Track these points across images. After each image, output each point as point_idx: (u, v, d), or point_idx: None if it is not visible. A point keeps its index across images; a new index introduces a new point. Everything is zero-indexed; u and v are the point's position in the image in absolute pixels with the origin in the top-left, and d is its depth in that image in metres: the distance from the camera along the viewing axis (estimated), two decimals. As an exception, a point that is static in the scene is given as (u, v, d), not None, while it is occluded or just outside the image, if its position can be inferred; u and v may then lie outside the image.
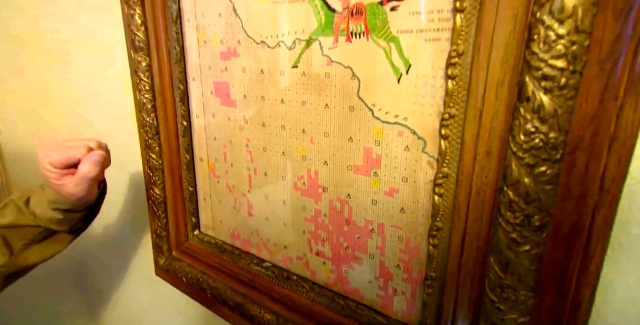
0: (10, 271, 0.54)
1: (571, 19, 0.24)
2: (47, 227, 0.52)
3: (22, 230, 0.52)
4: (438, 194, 0.35)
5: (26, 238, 0.53)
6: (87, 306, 0.94)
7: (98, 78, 0.69)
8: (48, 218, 0.51)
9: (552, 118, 0.26)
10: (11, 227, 0.52)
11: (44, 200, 0.50)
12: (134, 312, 0.84)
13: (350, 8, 0.37)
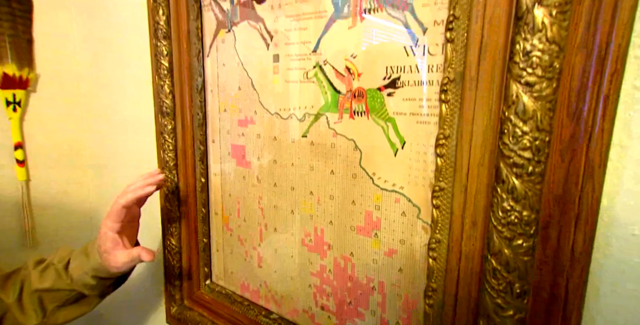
0: None
1: (532, 120, 0.29)
2: (81, 291, 0.55)
3: (58, 294, 0.56)
4: (432, 257, 0.39)
5: (59, 300, 0.56)
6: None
7: (127, 139, 0.76)
8: (83, 283, 0.54)
9: (524, 199, 0.31)
10: (49, 290, 0.55)
11: (85, 267, 0.54)
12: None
13: (353, 91, 0.43)
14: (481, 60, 0.33)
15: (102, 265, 0.53)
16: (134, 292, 0.81)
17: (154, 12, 0.58)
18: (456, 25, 0.34)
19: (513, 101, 0.30)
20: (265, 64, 0.51)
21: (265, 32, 0.50)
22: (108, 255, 0.52)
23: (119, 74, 0.74)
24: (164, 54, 0.59)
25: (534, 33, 0.28)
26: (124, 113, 0.76)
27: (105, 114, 0.80)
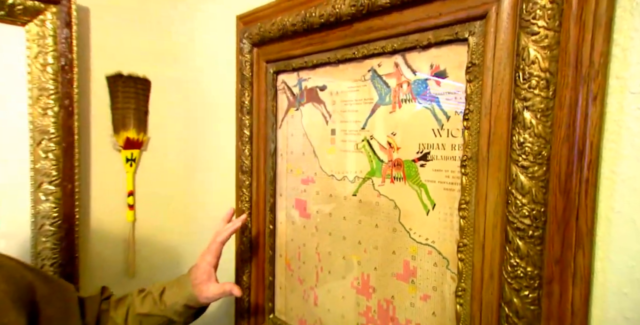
0: None
1: (529, 194, 0.38)
2: (170, 317, 0.67)
3: (153, 319, 0.68)
4: (459, 304, 0.46)
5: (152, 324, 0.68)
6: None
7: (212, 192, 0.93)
8: (174, 310, 0.66)
9: (527, 257, 0.38)
10: (147, 315, 0.68)
11: (177, 296, 0.66)
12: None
13: (393, 161, 0.54)
14: (490, 144, 0.42)
15: (193, 295, 0.65)
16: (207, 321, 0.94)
17: (241, 94, 0.76)
18: (471, 116, 0.44)
19: (513, 179, 0.39)
20: (324, 136, 0.64)
21: (325, 111, 0.63)
22: (202, 287, 0.64)
23: (208, 139, 0.93)
24: (247, 125, 0.75)
25: (525, 129, 0.38)
26: (210, 170, 0.93)
27: (196, 171, 0.99)
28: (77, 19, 0.82)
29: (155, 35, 0.98)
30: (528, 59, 0.37)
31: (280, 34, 0.66)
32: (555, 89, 0.36)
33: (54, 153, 0.81)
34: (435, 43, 0.48)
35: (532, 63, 0.37)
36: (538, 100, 0.37)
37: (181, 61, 1.01)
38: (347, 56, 0.58)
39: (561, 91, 0.36)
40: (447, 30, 0.46)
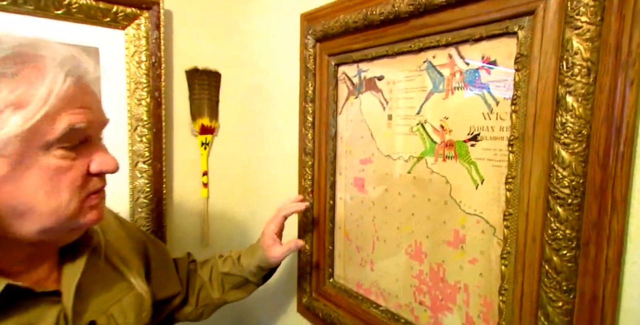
0: (219, 303, 0.83)
1: (569, 168, 0.44)
2: (246, 277, 0.80)
3: (232, 277, 0.81)
4: (504, 265, 0.53)
5: (231, 283, 0.81)
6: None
7: (277, 170, 1.04)
8: (249, 271, 0.79)
9: (566, 222, 0.44)
10: (227, 274, 0.81)
11: (251, 259, 0.79)
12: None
13: (445, 142, 0.61)
14: (535, 125, 0.48)
15: (264, 257, 0.77)
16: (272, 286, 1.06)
17: (305, 84, 0.85)
18: (518, 101, 0.50)
19: (555, 155, 0.45)
20: (381, 121, 0.72)
21: (383, 99, 0.71)
22: (269, 249, 0.77)
23: (272, 125, 1.04)
24: (310, 112, 0.85)
25: (567, 111, 0.44)
26: (273, 153, 1.05)
27: (260, 153, 1.10)
28: (164, 22, 0.94)
29: (225, 33, 1.10)
30: (572, 50, 0.43)
31: (342, 30, 0.74)
32: (595, 76, 0.42)
33: (147, 137, 0.96)
34: (486, 36, 0.54)
35: (575, 54, 0.42)
36: (580, 86, 0.42)
37: (247, 55, 1.12)
38: (403, 49, 0.65)
39: (601, 78, 0.42)
40: (497, 25, 0.52)
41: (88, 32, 0.87)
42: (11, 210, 0.43)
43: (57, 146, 0.44)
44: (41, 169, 0.44)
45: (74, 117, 0.45)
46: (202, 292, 0.82)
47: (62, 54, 0.45)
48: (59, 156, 0.45)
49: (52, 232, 0.47)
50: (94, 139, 0.49)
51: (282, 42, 0.98)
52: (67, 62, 0.45)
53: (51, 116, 0.43)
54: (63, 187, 0.45)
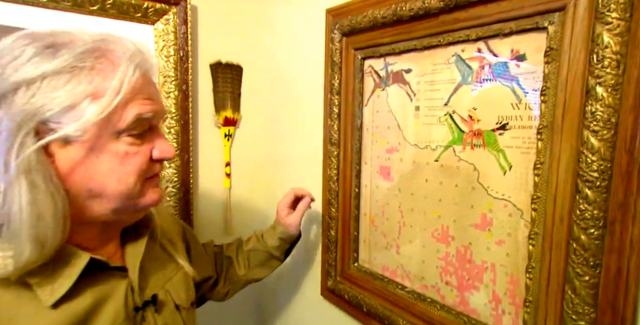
0: (244, 281, 0.89)
1: (598, 153, 0.48)
2: (270, 252, 0.87)
3: (256, 253, 0.87)
4: (532, 245, 0.57)
5: (256, 259, 0.88)
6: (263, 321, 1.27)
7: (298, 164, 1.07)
8: (272, 245, 0.86)
9: (594, 203, 0.48)
10: (251, 250, 0.88)
11: (273, 234, 0.86)
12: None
13: (473, 131, 0.65)
14: (564, 114, 0.52)
15: (283, 228, 0.86)
16: (294, 271, 1.11)
17: (331, 77, 0.88)
18: (547, 92, 0.54)
19: (585, 141, 0.49)
20: (408, 112, 0.75)
21: (410, 91, 0.75)
22: (285, 219, 0.86)
23: (296, 116, 1.07)
24: (336, 104, 0.88)
25: (597, 101, 0.47)
26: (293, 144, 1.08)
27: (281, 144, 1.14)
28: (191, 17, 0.97)
29: (248, 27, 1.13)
30: (602, 44, 0.46)
31: (370, 25, 0.77)
32: (624, 68, 0.46)
33: (175, 129, 0.99)
34: (516, 31, 0.57)
35: (605, 47, 0.46)
36: (609, 77, 0.46)
37: (269, 49, 1.15)
38: (432, 43, 0.69)
39: (630, 69, 0.45)
40: (527, 20, 0.55)
41: (120, 27, 0.90)
42: (88, 192, 0.48)
43: (126, 133, 0.48)
44: (112, 154, 0.48)
45: (141, 107, 0.49)
46: (229, 272, 0.88)
47: (131, 48, 0.49)
48: (127, 143, 0.48)
49: (121, 213, 0.51)
50: (155, 127, 0.53)
51: (305, 37, 1.01)
52: (135, 56, 0.48)
53: (122, 106, 0.47)
54: (131, 172, 0.49)
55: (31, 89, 0.43)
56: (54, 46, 0.45)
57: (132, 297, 0.53)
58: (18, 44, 0.45)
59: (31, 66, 0.44)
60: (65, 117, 0.45)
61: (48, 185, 0.44)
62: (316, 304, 1.03)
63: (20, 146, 0.43)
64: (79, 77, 0.45)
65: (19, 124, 0.43)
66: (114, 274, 0.52)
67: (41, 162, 0.44)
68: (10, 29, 0.79)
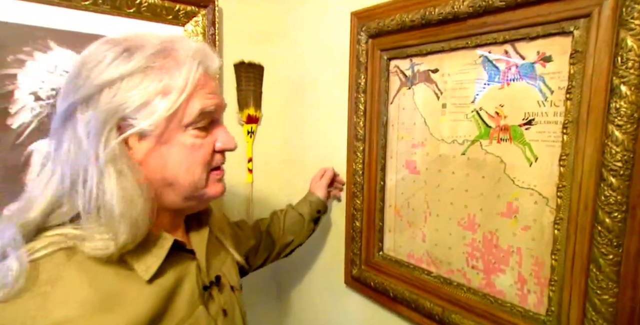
0: (280, 244, 0.96)
1: (622, 145, 0.53)
2: (302, 214, 0.97)
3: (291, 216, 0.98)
4: (557, 229, 0.63)
5: (290, 221, 0.98)
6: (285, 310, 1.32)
7: (321, 159, 1.12)
8: (304, 211, 0.97)
9: (618, 189, 0.54)
10: (287, 215, 0.98)
11: (304, 201, 0.99)
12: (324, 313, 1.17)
13: (500, 126, 0.70)
14: (589, 111, 0.58)
15: (313, 196, 1.00)
16: (319, 260, 1.16)
17: (357, 76, 0.93)
18: (573, 90, 0.59)
19: (609, 134, 0.54)
20: (435, 109, 0.81)
21: (437, 89, 0.80)
22: (315, 189, 1.01)
23: (316, 113, 1.12)
24: (362, 101, 0.93)
25: (621, 98, 0.53)
26: (317, 139, 1.13)
27: (304, 140, 1.19)
28: (219, 19, 1.01)
29: (271, 28, 1.17)
30: (626, 47, 0.52)
31: (397, 28, 0.82)
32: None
33: (204, 126, 1.03)
34: (542, 35, 0.63)
35: (629, 51, 0.52)
36: (633, 77, 0.52)
37: (291, 49, 1.19)
38: (459, 45, 0.74)
39: (650, 71, 0.51)
40: (554, 25, 0.61)
41: (153, 28, 0.94)
42: (162, 181, 0.53)
43: (192, 127, 0.53)
44: (181, 146, 0.52)
45: (205, 101, 0.53)
46: (265, 238, 0.96)
47: (193, 47, 0.53)
48: (193, 135, 0.53)
49: (190, 201, 0.56)
50: (217, 120, 0.57)
51: (329, 38, 1.05)
52: (198, 54, 0.53)
53: (187, 101, 0.52)
54: (197, 163, 0.54)
55: (112, 90, 0.48)
56: (129, 50, 0.50)
57: (200, 278, 0.58)
58: (100, 50, 0.49)
59: (112, 69, 0.48)
60: (140, 113, 0.49)
61: (133, 173, 0.49)
62: (340, 293, 1.08)
63: (106, 140, 0.48)
64: (151, 76, 0.49)
65: (104, 121, 0.48)
66: (186, 256, 0.57)
67: (123, 153, 0.49)
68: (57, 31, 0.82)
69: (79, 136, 0.47)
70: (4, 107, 0.79)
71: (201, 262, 0.60)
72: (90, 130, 0.47)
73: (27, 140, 0.83)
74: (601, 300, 0.57)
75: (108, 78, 0.48)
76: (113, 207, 0.46)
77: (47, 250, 0.46)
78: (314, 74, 1.12)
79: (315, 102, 1.13)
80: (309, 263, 1.19)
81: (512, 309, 0.70)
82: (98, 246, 0.46)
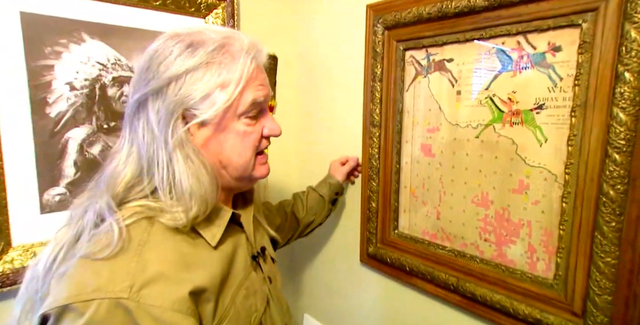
0: (303, 223, 1.03)
1: (625, 125, 0.61)
2: (321, 194, 1.04)
3: (311, 197, 1.04)
4: (565, 202, 0.70)
5: (311, 202, 1.04)
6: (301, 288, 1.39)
7: (324, 143, 1.18)
8: (323, 192, 1.03)
9: (621, 164, 0.62)
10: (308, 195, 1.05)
11: (323, 183, 1.05)
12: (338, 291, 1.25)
13: (512, 111, 0.77)
14: (596, 95, 0.65)
15: (332, 178, 1.06)
16: (334, 240, 1.23)
17: (373, 66, 0.99)
18: (581, 77, 0.66)
19: (614, 116, 0.62)
20: (450, 96, 0.87)
21: (452, 77, 0.86)
22: (335, 173, 1.06)
23: (329, 102, 1.17)
24: (378, 90, 0.99)
25: (625, 84, 0.60)
26: (331, 125, 1.18)
27: (317, 126, 1.24)
28: (237, 11, 1.05)
29: (285, 20, 1.21)
30: (630, 38, 0.59)
31: (414, 20, 0.88)
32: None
33: (225, 115, 1.08)
34: (553, 27, 0.69)
35: (633, 41, 0.58)
36: (636, 65, 0.59)
37: (304, 40, 1.24)
38: (474, 37, 0.80)
39: (651, 59, 0.58)
40: (564, 19, 0.67)
41: (176, 20, 0.97)
42: (219, 163, 0.59)
43: (244, 116, 0.58)
44: (234, 133, 0.58)
45: (256, 92, 0.59)
46: (290, 217, 1.03)
47: (246, 42, 0.58)
48: (245, 123, 0.59)
49: (241, 181, 0.62)
50: (265, 109, 0.62)
51: (343, 30, 1.10)
52: (251, 49, 0.58)
53: (242, 93, 0.57)
54: (248, 147, 0.60)
55: (178, 83, 0.53)
56: (192, 45, 0.55)
57: (249, 248, 0.65)
58: (167, 45, 0.54)
59: (178, 64, 0.54)
60: (202, 104, 0.55)
61: (197, 156, 0.54)
62: (355, 270, 1.16)
63: (173, 128, 0.53)
64: (211, 71, 0.55)
65: (172, 111, 0.53)
66: (237, 229, 0.64)
67: (188, 139, 0.55)
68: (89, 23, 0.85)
69: (151, 124, 0.53)
70: (43, 97, 0.83)
71: (249, 235, 0.66)
72: (160, 118, 0.53)
73: (63, 128, 0.87)
74: (604, 262, 0.65)
75: (175, 73, 0.53)
76: (183, 186, 0.52)
77: (133, 218, 0.52)
78: (328, 64, 1.17)
79: (330, 90, 1.18)
80: (325, 243, 1.26)
81: (522, 275, 0.78)
82: (173, 218, 0.52)
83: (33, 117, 0.82)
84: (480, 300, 0.83)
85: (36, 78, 0.81)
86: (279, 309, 0.72)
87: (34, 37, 0.80)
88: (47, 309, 0.45)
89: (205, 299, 0.53)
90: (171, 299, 0.48)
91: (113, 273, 0.47)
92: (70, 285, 0.47)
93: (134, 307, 0.45)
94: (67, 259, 0.50)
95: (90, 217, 0.52)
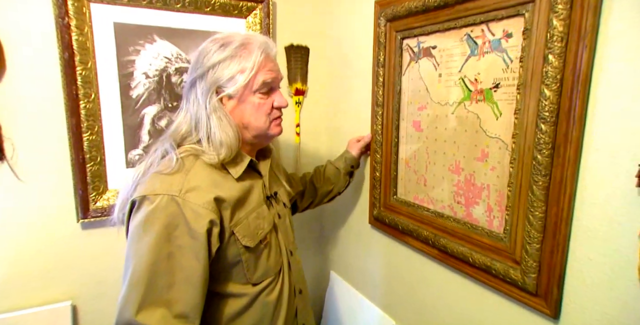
0: (321, 191, 1.25)
1: (549, 99, 0.72)
2: (338, 168, 1.23)
3: (329, 169, 1.25)
4: (511, 167, 0.83)
5: (329, 173, 1.25)
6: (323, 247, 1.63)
7: (351, 121, 1.38)
8: (340, 165, 1.23)
9: (546, 133, 0.73)
10: (326, 168, 1.25)
11: (341, 158, 1.24)
12: (355, 251, 1.46)
13: (478, 90, 0.90)
14: (532, 75, 0.76)
15: (349, 153, 1.23)
16: (347, 207, 1.43)
17: (377, 54, 1.16)
18: (524, 59, 0.78)
19: (542, 92, 0.73)
20: (433, 78, 1.01)
21: (435, 62, 1.00)
22: (351, 148, 1.23)
23: (350, 85, 1.37)
24: (381, 74, 1.16)
25: (549, 64, 0.71)
26: (349, 105, 1.38)
27: (340, 107, 1.45)
28: (272, 11, 1.29)
29: (313, 17, 1.42)
30: (552, 25, 0.69)
31: (406, 13, 1.03)
32: (566, 42, 0.69)
33: (260, 97, 1.33)
34: (506, 16, 0.81)
35: (554, 28, 0.69)
36: (556, 48, 0.69)
37: (330, 33, 1.44)
38: (450, 26, 0.93)
39: (570, 43, 0.69)
40: (514, 9, 0.79)
41: (222, 22, 1.25)
42: (242, 125, 0.87)
43: (258, 92, 0.84)
44: (251, 104, 0.85)
45: (265, 75, 0.84)
46: (309, 186, 1.25)
47: (260, 40, 0.84)
48: (259, 97, 0.85)
49: (259, 138, 0.89)
50: (276, 88, 0.88)
51: (358, 23, 1.28)
52: (262, 45, 0.84)
53: (255, 76, 0.83)
54: (262, 114, 0.86)
55: (214, 69, 0.82)
56: (223, 45, 0.83)
57: (264, 190, 0.92)
58: (208, 45, 0.85)
59: (214, 57, 0.82)
60: (229, 83, 0.83)
61: (227, 118, 0.83)
62: (366, 230, 1.36)
63: (210, 98, 0.82)
64: (235, 61, 0.82)
65: (209, 88, 0.82)
66: (256, 175, 0.92)
67: (220, 107, 0.84)
68: (158, 28, 1.16)
69: (198, 96, 0.83)
70: (127, 83, 1.16)
71: (265, 181, 0.93)
72: (202, 93, 0.83)
73: (141, 106, 1.20)
74: (534, 216, 0.77)
75: (212, 63, 0.82)
76: (216, 137, 0.82)
77: (185, 153, 0.83)
78: (347, 53, 1.36)
79: (348, 77, 1.37)
80: (345, 210, 1.47)
81: (482, 231, 0.91)
82: (209, 158, 0.82)
83: (121, 98, 1.16)
84: (450, 253, 0.98)
85: (123, 69, 1.15)
86: (285, 237, 0.97)
87: (122, 39, 1.13)
88: (135, 196, 0.78)
89: (225, 207, 0.81)
90: (203, 200, 0.77)
91: (171, 182, 0.78)
92: (148, 186, 0.78)
93: (181, 202, 0.76)
94: (146, 174, 0.82)
95: (159, 153, 0.85)
